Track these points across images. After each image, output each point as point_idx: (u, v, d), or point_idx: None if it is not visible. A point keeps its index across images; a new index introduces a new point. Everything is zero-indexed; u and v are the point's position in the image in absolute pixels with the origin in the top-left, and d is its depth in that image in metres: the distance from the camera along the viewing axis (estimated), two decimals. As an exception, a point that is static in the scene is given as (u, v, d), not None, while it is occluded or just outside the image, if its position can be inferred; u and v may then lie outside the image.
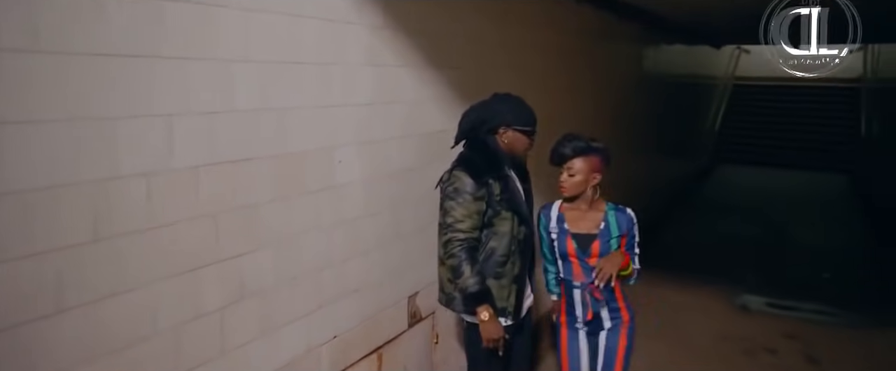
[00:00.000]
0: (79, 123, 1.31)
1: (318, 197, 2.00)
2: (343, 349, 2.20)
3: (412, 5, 2.32)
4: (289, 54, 1.81)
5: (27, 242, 1.24)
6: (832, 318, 4.35)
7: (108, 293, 1.40)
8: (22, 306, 1.25)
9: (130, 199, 1.42)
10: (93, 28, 1.31)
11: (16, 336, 1.24)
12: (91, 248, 1.35)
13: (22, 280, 1.24)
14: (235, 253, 1.72)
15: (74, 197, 1.31)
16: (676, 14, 5.48)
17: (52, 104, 1.26)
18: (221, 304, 1.69)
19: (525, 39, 3.33)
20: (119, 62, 1.37)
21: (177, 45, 1.48)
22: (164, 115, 1.48)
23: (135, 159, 1.42)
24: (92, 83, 1.32)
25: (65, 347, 1.32)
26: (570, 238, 2.18)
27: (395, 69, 2.30)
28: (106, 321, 1.40)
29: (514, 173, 2.23)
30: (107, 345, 1.40)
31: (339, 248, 2.13)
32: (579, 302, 2.23)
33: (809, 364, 3.66)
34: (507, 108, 2.18)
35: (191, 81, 1.53)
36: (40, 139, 1.24)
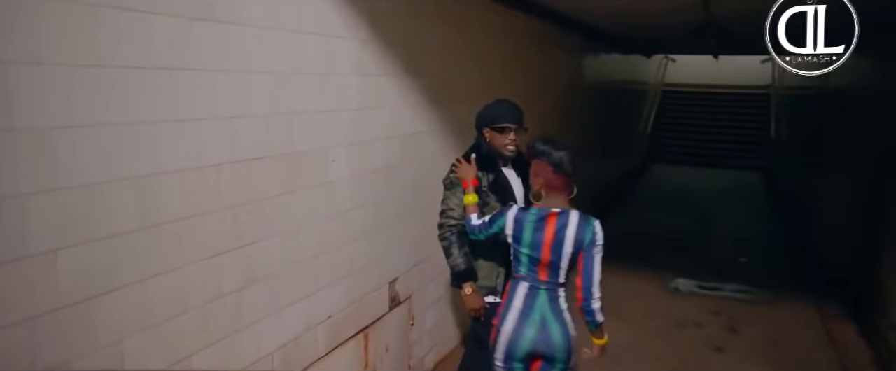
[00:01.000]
0: (130, 127, 1.48)
1: (315, 192, 2.21)
2: (336, 329, 2.42)
3: (392, 19, 2.57)
4: (294, 66, 2.03)
5: (89, 229, 1.41)
6: (748, 295, 4.90)
7: (151, 274, 1.58)
8: (84, 285, 1.41)
9: (168, 192, 1.61)
10: (140, 46, 1.49)
11: (80, 310, 1.40)
12: (138, 235, 1.53)
13: (85, 262, 1.41)
14: (249, 241, 1.92)
15: (125, 190, 1.49)
16: (612, 26, 5.96)
17: (111, 109, 1.44)
18: (238, 287, 1.88)
19: (486, 47, 3.64)
20: (160, 74, 1.55)
21: (205, 58, 1.68)
22: (194, 119, 1.67)
23: (172, 158, 1.61)
24: (139, 92, 1.50)
25: (118, 320, 1.49)
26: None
27: (379, 78, 2.54)
28: (149, 299, 1.57)
29: (512, 170, 2.46)
30: (150, 319, 1.58)
31: (332, 237, 2.34)
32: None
33: (730, 333, 4.16)
34: (487, 110, 2.44)
35: (216, 89, 1.73)
36: (101, 139, 1.42)
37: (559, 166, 2.08)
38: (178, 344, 1.67)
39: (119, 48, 1.44)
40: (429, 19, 2.89)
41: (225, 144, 1.77)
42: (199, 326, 1.74)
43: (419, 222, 3.01)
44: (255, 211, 1.93)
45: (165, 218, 1.60)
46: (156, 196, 1.57)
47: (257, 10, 1.83)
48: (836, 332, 4.17)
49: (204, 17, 1.65)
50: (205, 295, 1.76)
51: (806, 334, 4.18)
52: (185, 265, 1.68)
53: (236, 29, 1.77)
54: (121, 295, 1.50)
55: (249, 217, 1.90)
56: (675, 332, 4.13)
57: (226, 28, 1.73)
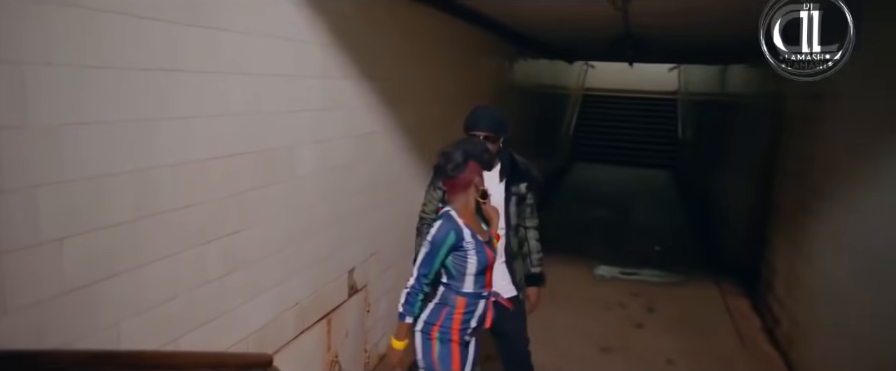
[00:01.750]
0: (130, 124, 1.58)
1: (285, 186, 2.35)
2: (302, 314, 2.56)
3: (351, 26, 2.73)
4: (267, 68, 2.16)
5: (92, 219, 1.50)
6: (662, 279, 5.44)
7: (146, 261, 1.67)
8: (87, 271, 1.50)
9: (162, 185, 1.71)
10: (139, 48, 1.59)
11: (83, 295, 1.49)
12: (135, 225, 1.62)
13: (88, 249, 1.50)
14: (230, 231, 2.03)
15: (125, 182, 1.58)
16: (541, 34, 6.37)
17: (113, 107, 1.53)
18: (221, 274, 2.00)
19: (433, 54, 3.86)
20: (156, 75, 1.65)
21: (195, 60, 1.79)
22: (185, 117, 1.77)
23: (165, 153, 1.71)
24: (138, 91, 1.60)
25: (116, 304, 1.59)
26: (487, 248, 2.15)
27: (339, 81, 2.70)
28: (145, 284, 1.67)
29: (495, 177, 2.45)
30: (145, 303, 1.68)
31: (299, 229, 2.48)
32: (481, 310, 2.20)
33: (648, 312, 4.64)
34: (468, 115, 2.50)
35: (204, 90, 1.84)
36: (103, 135, 1.51)
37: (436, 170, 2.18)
38: (169, 326, 1.77)
39: (121, 50, 1.54)
40: (382, 27, 3.08)
41: (210, 141, 1.89)
42: (188, 310, 1.85)
43: (374, 216, 3.19)
44: (235, 203, 2.05)
45: (159, 209, 1.70)
46: (151, 188, 1.67)
47: (238, 17, 1.96)
48: (733, 306, 4.75)
49: (194, 23, 1.76)
50: (193, 281, 1.86)
51: (710, 309, 4.73)
52: (176, 253, 1.78)
53: (221, 34, 1.89)
54: (119, 280, 1.59)
55: (229, 209, 2.01)
56: (603, 313, 4.55)
57: (213, 33, 1.85)
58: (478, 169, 2.13)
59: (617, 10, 3.52)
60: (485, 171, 2.19)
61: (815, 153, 3.64)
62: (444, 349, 2.17)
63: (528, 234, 2.65)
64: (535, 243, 2.66)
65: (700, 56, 9.05)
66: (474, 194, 2.16)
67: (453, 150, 2.08)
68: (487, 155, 2.18)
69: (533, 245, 2.66)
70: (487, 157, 2.17)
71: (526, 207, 2.62)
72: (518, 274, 2.60)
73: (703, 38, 5.77)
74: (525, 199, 2.60)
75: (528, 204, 2.62)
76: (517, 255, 2.60)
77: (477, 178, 2.15)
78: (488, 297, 2.23)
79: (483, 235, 2.17)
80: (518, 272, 2.60)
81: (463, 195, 2.13)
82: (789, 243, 4.00)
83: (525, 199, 2.59)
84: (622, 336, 4.15)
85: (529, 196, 2.61)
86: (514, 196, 2.54)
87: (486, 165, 2.17)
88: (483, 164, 2.14)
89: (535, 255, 2.66)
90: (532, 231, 2.66)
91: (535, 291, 2.67)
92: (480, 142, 2.29)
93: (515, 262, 2.59)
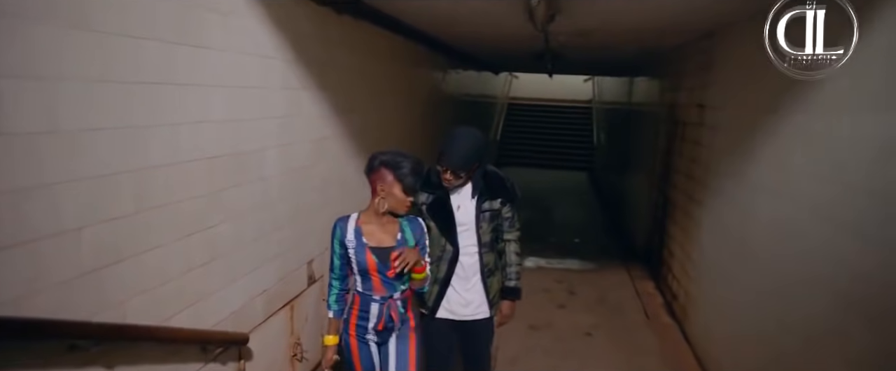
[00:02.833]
0: (130, 129, 1.80)
1: (255, 185, 2.59)
2: (270, 300, 2.79)
3: (308, 43, 3.01)
4: (240, 80, 2.40)
5: (103, 211, 1.71)
6: (581, 267, 6.04)
7: (145, 249, 1.89)
8: (99, 257, 1.71)
9: (156, 183, 1.93)
10: (135, 64, 1.81)
11: (96, 277, 1.70)
12: (136, 217, 1.84)
13: (100, 238, 1.71)
14: (211, 225, 2.26)
15: (128, 180, 1.80)
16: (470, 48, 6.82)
17: (119, 115, 1.75)
18: (204, 262, 2.22)
19: (375, 66, 4.18)
20: (151, 87, 1.88)
21: (182, 74, 2.02)
22: (172, 124, 2.00)
23: (159, 155, 1.93)
24: (136, 101, 1.82)
25: (122, 285, 1.80)
26: (370, 252, 2.13)
27: (298, 91, 2.97)
28: (145, 269, 1.89)
29: (467, 195, 2.43)
30: (145, 285, 1.89)
31: (266, 224, 2.72)
32: (375, 314, 2.20)
33: (570, 295, 5.17)
34: (442, 141, 2.41)
35: (187, 100, 2.07)
36: (112, 139, 1.73)
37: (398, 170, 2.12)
38: (164, 306, 1.99)
39: (122, 66, 1.76)
40: (333, 44, 3.37)
41: (194, 145, 2.12)
42: (179, 292, 2.06)
43: (328, 212, 3.45)
44: (214, 200, 2.28)
45: (154, 204, 1.92)
46: (147, 186, 1.89)
47: (217, 36, 2.20)
48: (641, 288, 5.39)
49: (180, 42, 2.00)
50: (181, 267, 2.08)
51: (621, 291, 5.34)
52: (168, 243, 2.00)
53: (203, 52, 2.12)
54: (125, 265, 1.80)
55: (211, 204, 2.25)
56: (531, 297, 4.99)
57: (196, 50, 2.08)
58: (391, 181, 2.08)
59: (538, 31, 4.00)
60: (406, 195, 2.11)
61: (699, 155, 4.30)
62: (346, 344, 2.26)
63: (507, 246, 2.57)
64: (514, 257, 2.57)
65: (610, 69, 9.93)
66: (385, 203, 2.11)
67: (381, 153, 2.13)
68: (413, 178, 2.10)
69: (511, 258, 2.57)
70: (412, 180, 2.09)
71: (503, 221, 2.53)
72: (493, 290, 2.53)
73: (612, 54, 6.46)
74: (500, 214, 2.51)
75: (506, 217, 2.53)
76: (495, 270, 2.54)
77: (396, 191, 2.09)
78: (382, 302, 2.19)
79: (374, 241, 2.13)
80: (493, 288, 2.53)
81: (374, 197, 2.12)
82: (682, 231, 4.65)
83: (500, 213, 2.50)
84: (548, 315, 4.64)
85: (505, 210, 2.52)
86: (487, 213, 2.46)
87: (408, 188, 2.10)
88: (401, 181, 2.08)
89: (512, 268, 2.57)
90: (512, 244, 2.57)
91: (508, 305, 2.60)
92: (418, 163, 2.14)
93: (492, 278, 2.52)
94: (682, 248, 4.62)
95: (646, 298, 5.14)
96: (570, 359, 3.85)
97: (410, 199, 2.16)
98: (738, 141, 3.41)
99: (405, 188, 2.11)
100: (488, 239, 2.49)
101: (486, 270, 2.51)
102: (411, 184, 2.12)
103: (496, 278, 2.56)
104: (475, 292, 2.50)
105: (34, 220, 1.50)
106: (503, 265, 2.58)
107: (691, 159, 4.52)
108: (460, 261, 2.48)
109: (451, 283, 2.48)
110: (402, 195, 2.12)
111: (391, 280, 2.17)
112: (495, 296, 2.56)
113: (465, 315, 2.52)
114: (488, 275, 2.52)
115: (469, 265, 2.49)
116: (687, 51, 4.85)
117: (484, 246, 2.48)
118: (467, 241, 2.47)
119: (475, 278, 2.50)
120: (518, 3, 3.12)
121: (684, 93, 4.94)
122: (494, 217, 2.50)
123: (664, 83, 5.85)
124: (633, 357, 3.94)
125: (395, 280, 2.19)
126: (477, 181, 2.46)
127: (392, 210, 2.16)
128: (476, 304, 2.51)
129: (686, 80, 4.91)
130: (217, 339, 2.23)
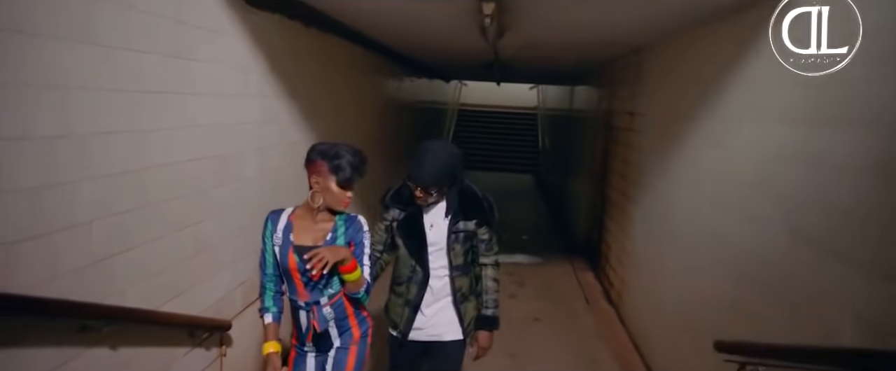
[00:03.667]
0: (135, 133, 1.98)
1: (236, 185, 2.78)
2: (247, 291, 2.98)
3: (280, 56, 3.21)
4: (224, 89, 2.60)
5: (110, 206, 1.89)
6: (530, 261, 6.45)
7: (145, 241, 2.07)
8: (107, 247, 1.88)
9: (154, 182, 2.11)
10: (139, 75, 2.00)
11: (104, 265, 1.87)
12: (140, 211, 2.02)
13: (108, 230, 1.88)
14: (198, 220, 2.44)
15: (131, 179, 1.98)
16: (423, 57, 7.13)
17: (124, 121, 1.93)
18: (193, 254, 2.40)
19: (337, 76, 4.41)
20: (151, 96, 2.06)
21: (179, 84, 2.21)
22: (169, 128, 2.19)
23: (157, 156, 2.11)
24: (139, 108, 2.00)
25: (131, 270, 1.97)
26: (292, 251, 1.92)
27: (273, 99, 3.17)
28: (148, 257, 2.07)
29: (440, 212, 2.23)
30: (149, 271, 2.07)
31: (245, 221, 2.91)
32: (304, 322, 1.99)
33: (519, 286, 5.55)
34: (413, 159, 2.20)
35: (184, 107, 2.26)
36: (119, 142, 1.91)
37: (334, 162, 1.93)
38: (160, 292, 2.16)
39: (127, 76, 1.94)
40: (301, 57, 3.58)
41: (186, 148, 2.30)
42: (172, 281, 2.24)
43: (298, 211, 3.66)
44: (201, 198, 2.46)
45: (152, 200, 2.10)
46: (147, 184, 2.07)
47: (205, 50, 2.40)
48: (582, 278, 5.84)
49: (176, 55, 2.19)
50: (174, 258, 2.26)
51: (565, 281, 5.77)
52: (163, 236, 2.18)
53: (194, 64, 2.32)
54: (128, 255, 1.98)
55: (198, 202, 2.43)
56: (482, 289, 5.36)
57: (189, 63, 2.27)
58: (325, 172, 1.88)
59: (489, 45, 4.34)
60: (345, 190, 1.90)
61: (630, 157, 4.77)
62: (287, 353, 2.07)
63: (484, 271, 2.34)
64: (492, 283, 2.33)
65: (554, 78, 10.48)
66: (320, 197, 1.91)
67: (320, 143, 1.95)
68: (350, 170, 1.88)
69: (488, 285, 2.33)
70: (349, 172, 1.88)
71: (479, 244, 2.31)
72: (467, 316, 2.31)
73: (555, 65, 6.93)
74: (475, 236, 2.29)
75: (482, 240, 2.30)
76: (469, 296, 2.32)
77: (331, 184, 1.88)
78: (307, 309, 1.97)
79: (301, 240, 1.93)
80: (467, 315, 2.32)
81: (311, 191, 1.92)
82: (618, 226, 5.11)
83: (475, 235, 2.29)
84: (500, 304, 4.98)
85: (482, 231, 2.29)
86: (460, 234, 2.24)
87: (342, 181, 1.88)
88: (335, 173, 1.87)
89: (489, 296, 2.33)
90: (489, 268, 2.34)
91: (486, 336, 2.34)
92: (357, 155, 1.94)
93: (466, 304, 2.31)
94: (617, 241, 5.08)
95: (586, 287, 5.58)
96: (521, 341, 4.19)
97: (348, 194, 1.92)
98: (662, 144, 3.86)
99: (339, 181, 1.88)
100: (461, 262, 2.27)
101: (459, 295, 2.28)
102: (347, 176, 1.88)
103: (471, 305, 2.33)
104: (445, 313, 2.30)
105: (50, 214, 1.66)
106: (479, 292, 2.34)
107: (624, 161, 4.99)
108: (430, 285, 2.27)
109: (420, 308, 2.29)
110: (337, 189, 1.89)
111: (315, 283, 1.93)
112: (470, 324, 2.33)
113: (435, 336, 2.32)
114: (462, 300, 2.29)
115: (439, 289, 2.28)
116: (620, 63, 5.34)
117: (456, 269, 2.26)
118: (438, 263, 2.26)
119: (445, 300, 2.29)
120: (472, 23, 3.45)
121: (618, 101, 5.43)
122: (468, 238, 2.27)
123: (601, 92, 6.35)
124: (576, 338, 4.33)
125: (320, 283, 1.93)
126: (452, 199, 2.25)
127: (329, 206, 1.93)
128: (444, 323, 2.30)
129: (619, 90, 5.40)
130: (205, 325, 2.41)
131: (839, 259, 1.69)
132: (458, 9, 3.10)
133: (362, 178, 1.95)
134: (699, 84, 3.12)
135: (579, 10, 3.08)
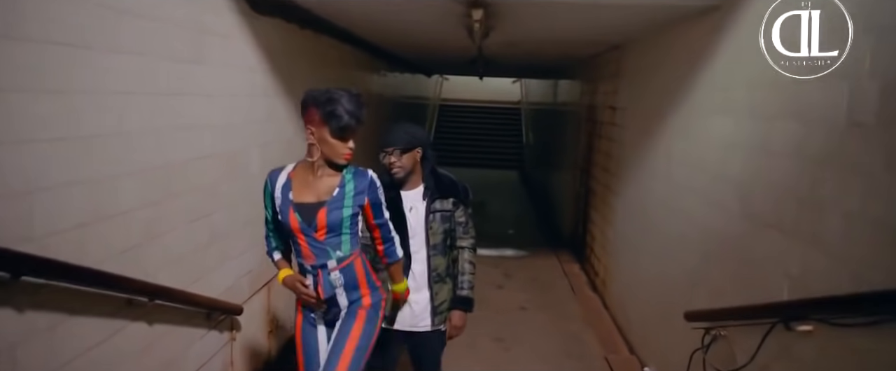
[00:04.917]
0: (165, 131, 2.30)
1: (243, 180, 3.10)
2: (253, 281, 3.30)
3: (279, 57, 3.53)
4: (232, 90, 2.92)
5: (147, 196, 2.21)
6: (516, 254, 6.85)
7: (168, 230, 2.38)
8: (140, 235, 2.20)
9: (176, 176, 2.42)
10: (164, 78, 2.32)
11: (141, 249, 2.19)
12: (162, 204, 2.34)
13: (141, 220, 2.20)
14: (209, 213, 2.76)
15: (155, 174, 2.29)
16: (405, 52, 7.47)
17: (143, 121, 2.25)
18: (206, 244, 2.72)
19: (327, 74, 4.73)
20: (167, 98, 2.37)
21: (194, 85, 2.52)
22: (188, 127, 2.50)
23: (180, 153, 2.43)
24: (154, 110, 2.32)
25: (158, 256, 2.29)
26: (293, 210, 1.87)
27: (274, 98, 3.49)
28: (170, 245, 2.38)
29: (419, 197, 2.35)
30: (172, 257, 2.39)
31: (251, 214, 3.21)
32: (311, 287, 1.95)
33: (506, 277, 5.94)
34: None
35: (196, 108, 2.57)
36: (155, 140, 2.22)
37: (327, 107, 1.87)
38: (183, 277, 2.48)
39: (155, 82, 2.26)
40: (296, 56, 3.90)
41: (201, 144, 2.62)
42: (192, 266, 2.56)
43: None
44: (212, 192, 2.78)
45: (175, 192, 2.42)
46: (171, 178, 2.38)
47: (217, 54, 2.71)
48: (567, 269, 6.26)
49: (190, 60, 2.50)
50: (193, 246, 2.58)
51: (551, 272, 6.18)
52: (183, 224, 2.49)
53: (208, 68, 2.64)
54: (156, 242, 2.29)
55: (209, 196, 2.75)
56: (471, 280, 5.75)
57: (203, 67, 2.59)
58: (318, 121, 1.80)
59: (475, 44, 4.71)
60: (344, 141, 1.81)
61: (612, 150, 5.19)
62: (294, 322, 2.07)
63: (461, 254, 2.45)
64: (468, 265, 2.45)
65: (537, 72, 10.90)
66: (316, 149, 1.83)
67: (314, 89, 1.87)
68: (347, 117, 1.77)
69: (465, 267, 2.44)
70: (346, 118, 1.77)
71: (456, 226, 2.42)
72: (439, 298, 2.40)
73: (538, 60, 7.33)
74: (453, 217, 2.40)
75: (459, 222, 2.42)
76: (445, 277, 2.42)
77: (325, 134, 1.80)
78: (314, 272, 1.92)
79: (302, 197, 1.87)
80: (440, 296, 2.40)
81: (308, 144, 1.84)
82: (601, 217, 5.53)
83: (452, 216, 2.40)
84: (487, 295, 5.35)
85: (459, 213, 2.41)
86: (437, 213, 2.36)
87: (335, 130, 1.78)
88: (327, 122, 1.78)
89: (465, 277, 2.44)
90: (466, 251, 2.45)
91: (459, 315, 2.45)
92: (353, 99, 1.89)
93: (441, 285, 2.40)
94: (601, 231, 5.50)
95: (572, 277, 6.00)
96: (508, 327, 4.58)
97: (349, 144, 1.83)
98: (640, 137, 4.28)
99: (333, 130, 1.78)
100: (439, 241, 2.37)
101: (434, 275, 2.37)
102: (343, 124, 1.76)
103: (447, 287, 2.42)
104: (422, 298, 2.39)
105: (107, 202, 1.98)
106: (455, 274, 2.45)
107: (607, 154, 5.41)
108: (412, 269, 2.36)
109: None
110: (333, 140, 1.80)
111: (320, 243, 1.84)
112: (443, 304, 2.42)
113: (413, 325, 2.40)
114: (436, 280, 2.38)
115: (419, 273, 2.38)
116: (601, 59, 5.76)
117: (433, 248, 2.35)
118: (418, 246, 2.36)
119: (425, 286, 2.39)
120: (459, 26, 3.81)
121: (600, 96, 5.85)
122: (446, 219, 2.39)
123: (584, 87, 6.76)
124: (561, 323, 4.74)
125: (327, 244, 1.85)
126: (428, 180, 2.39)
127: (327, 159, 1.84)
128: (419, 312, 2.39)
129: (601, 85, 5.82)
130: (222, 307, 2.73)
131: (773, 228, 2.11)
132: (448, 14, 3.46)
133: (362, 125, 1.84)
134: (674, 80, 3.53)
135: (562, 13, 3.46)
